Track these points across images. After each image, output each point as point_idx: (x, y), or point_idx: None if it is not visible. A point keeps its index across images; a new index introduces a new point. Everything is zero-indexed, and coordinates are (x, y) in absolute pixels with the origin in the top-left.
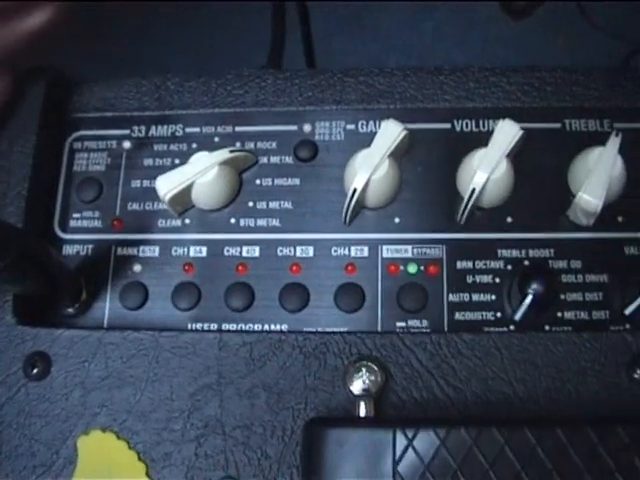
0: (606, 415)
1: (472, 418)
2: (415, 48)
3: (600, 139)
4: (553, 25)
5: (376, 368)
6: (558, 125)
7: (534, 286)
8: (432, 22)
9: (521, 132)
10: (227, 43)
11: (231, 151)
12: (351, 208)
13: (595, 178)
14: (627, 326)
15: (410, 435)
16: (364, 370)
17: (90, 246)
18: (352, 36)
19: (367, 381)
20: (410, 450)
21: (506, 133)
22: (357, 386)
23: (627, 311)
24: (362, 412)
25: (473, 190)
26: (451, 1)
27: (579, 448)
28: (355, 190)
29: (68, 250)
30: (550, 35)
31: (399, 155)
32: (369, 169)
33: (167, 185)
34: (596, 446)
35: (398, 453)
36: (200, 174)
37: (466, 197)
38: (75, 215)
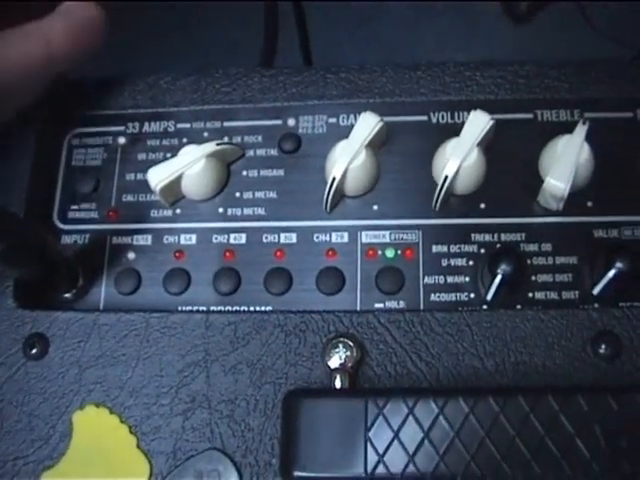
0: (566, 385)
1: (440, 389)
2: (417, 52)
3: (570, 128)
4: (555, 29)
5: (352, 344)
6: (530, 115)
7: (502, 266)
8: (434, 26)
9: (492, 122)
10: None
11: (218, 144)
12: (331, 196)
13: (562, 163)
14: (595, 305)
15: (381, 404)
16: (341, 346)
17: (87, 236)
18: (354, 40)
19: (343, 356)
20: (381, 418)
21: (477, 123)
22: (334, 361)
23: (595, 290)
24: (337, 385)
25: (446, 177)
26: (453, 1)
27: (541, 415)
28: (334, 179)
29: (66, 240)
30: (552, 39)
31: (377, 145)
32: (347, 158)
33: (158, 176)
34: (557, 413)
35: (369, 422)
36: (189, 166)
37: (439, 184)
38: (73, 207)
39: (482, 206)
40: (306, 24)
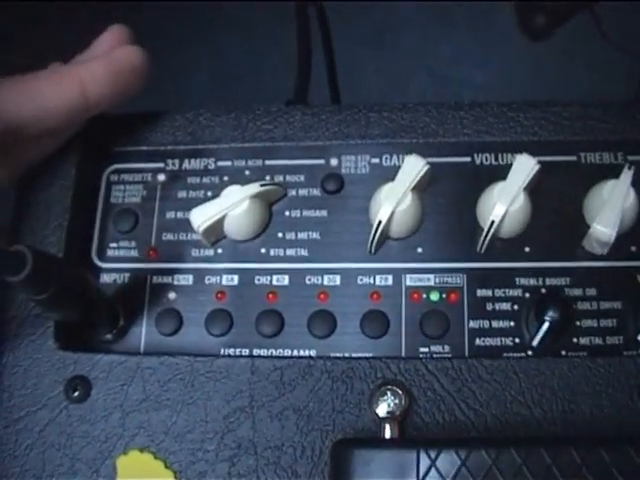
0: (618, 436)
1: (491, 439)
2: (435, 69)
3: (614, 171)
4: (572, 46)
5: (400, 392)
6: (574, 158)
7: (550, 313)
8: (452, 43)
9: (538, 166)
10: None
11: (262, 185)
12: (376, 239)
13: (609, 209)
14: None
15: (433, 455)
16: (389, 394)
17: (127, 274)
18: (373, 57)
19: (392, 404)
20: (433, 470)
21: (523, 167)
22: (382, 409)
23: None
24: (387, 434)
25: (492, 222)
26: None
27: (592, 467)
28: (380, 222)
29: (105, 278)
30: (568, 56)
31: (421, 188)
32: (393, 202)
33: (201, 217)
34: (609, 466)
35: (422, 473)
36: (232, 207)
37: (486, 228)
38: (112, 245)
39: (527, 250)
40: (335, 61)
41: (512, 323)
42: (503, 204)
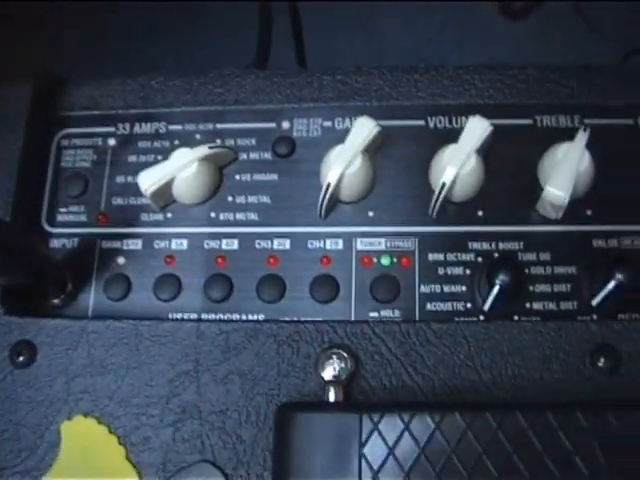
0: (565, 401)
1: (436, 403)
2: (413, 50)
3: (571, 135)
4: (550, 26)
5: (346, 355)
6: (530, 121)
7: (501, 277)
8: (430, 24)
9: (490, 128)
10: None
11: (210, 147)
12: (326, 202)
13: (562, 172)
14: (594, 316)
15: (376, 419)
16: (335, 357)
17: (76, 239)
18: (350, 38)
19: (337, 368)
20: (375, 434)
21: (475, 129)
22: (328, 373)
23: (594, 302)
24: (331, 397)
25: (443, 184)
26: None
27: (539, 432)
28: (329, 184)
29: (55, 243)
30: (546, 37)
31: (373, 151)
32: (343, 164)
33: (149, 180)
34: (555, 430)
35: (364, 437)
36: (180, 169)
37: (436, 191)
38: (62, 210)
39: (480, 214)
40: (301, 24)
41: (464, 288)
42: (454, 167)
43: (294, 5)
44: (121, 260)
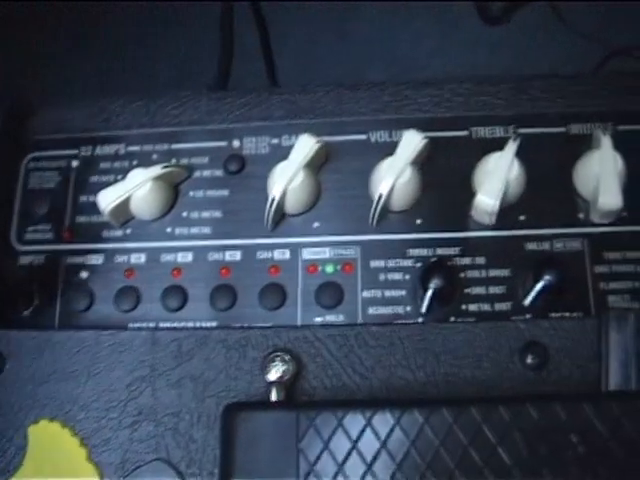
0: (491, 396)
1: (368, 401)
2: (394, 56)
3: (505, 144)
4: (529, 31)
5: (288, 358)
6: (465, 133)
7: (433, 281)
8: (411, 29)
9: (424, 140)
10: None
11: (164, 167)
12: (271, 215)
13: (492, 180)
14: (527, 316)
15: (312, 416)
16: (278, 360)
17: (43, 256)
18: (331, 44)
19: (280, 370)
20: (312, 430)
21: (410, 142)
22: (272, 375)
23: (526, 302)
24: (273, 397)
25: (380, 195)
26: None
27: (464, 425)
28: (274, 199)
29: (23, 260)
30: (527, 40)
31: (317, 165)
32: (285, 179)
33: (107, 199)
34: (480, 423)
35: (301, 433)
36: (136, 188)
37: (375, 202)
38: (30, 228)
39: (418, 222)
40: (269, 39)
41: (404, 292)
42: (390, 178)
43: (262, 21)
44: (84, 274)
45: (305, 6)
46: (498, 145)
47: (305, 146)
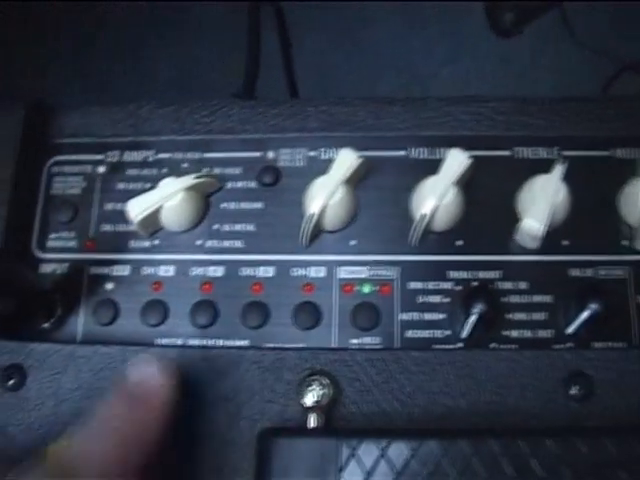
0: (538, 428)
1: (413, 430)
2: (405, 65)
3: (549, 166)
4: (540, 43)
5: (326, 382)
6: (508, 152)
7: (477, 305)
8: (422, 39)
9: (469, 160)
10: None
11: (196, 177)
12: (309, 232)
13: (539, 204)
14: (569, 344)
15: (354, 445)
16: (315, 384)
17: (66, 265)
18: (343, 53)
19: (318, 394)
20: (353, 460)
21: (455, 161)
22: (308, 399)
23: (569, 330)
24: (312, 423)
25: (423, 215)
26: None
27: (512, 458)
28: (312, 215)
29: (45, 269)
30: (536, 53)
31: (356, 181)
32: (325, 195)
33: (137, 208)
34: (528, 457)
35: (342, 462)
36: (167, 199)
37: (416, 222)
38: (52, 235)
39: (459, 243)
40: (291, 52)
41: (443, 315)
42: (434, 198)
43: (285, 32)
44: (109, 286)
45: (317, 15)
46: (541, 166)
47: (346, 161)
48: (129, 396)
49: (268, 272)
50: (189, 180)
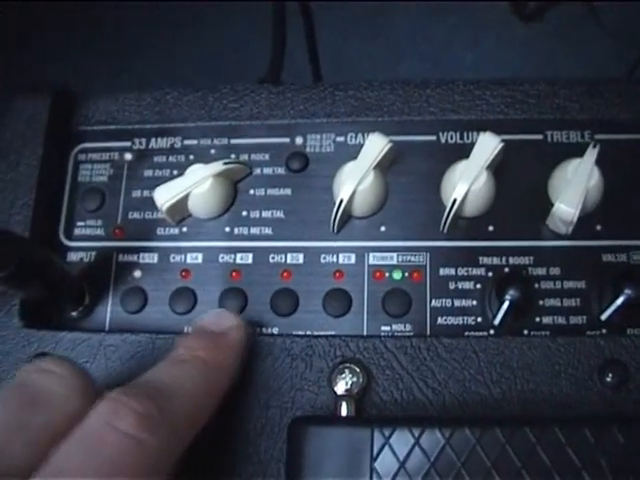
0: (573, 416)
1: (446, 418)
2: (427, 52)
3: (581, 150)
4: (563, 28)
5: (358, 370)
6: (540, 137)
7: (511, 292)
8: (444, 25)
9: (501, 144)
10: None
11: (225, 163)
12: (338, 217)
13: (572, 188)
14: (603, 331)
15: (387, 434)
16: (347, 372)
17: (93, 253)
18: (364, 39)
19: (349, 382)
20: (387, 448)
21: (486, 146)
22: (340, 387)
23: (603, 316)
24: (343, 412)
25: (454, 200)
26: (464, 1)
27: (547, 447)
28: (342, 201)
29: (72, 257)
30: (559, 39)
31: (385, 166)
32: (355, 180)
33: (165, 196)
34: (564, 445)
35: (375, 451)
36: (195, 185)
37: (448, 207)
38: (79, 223)
39: (490, 229)
40: (315, 36)
41: (474, 302)
42: (465, 183)
43: (309, 18)
44: (137, 273)
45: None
46: (574, 150)
47: (376, 146)
48: (209, 332)
49: (297, 259)
50: (218, 166)
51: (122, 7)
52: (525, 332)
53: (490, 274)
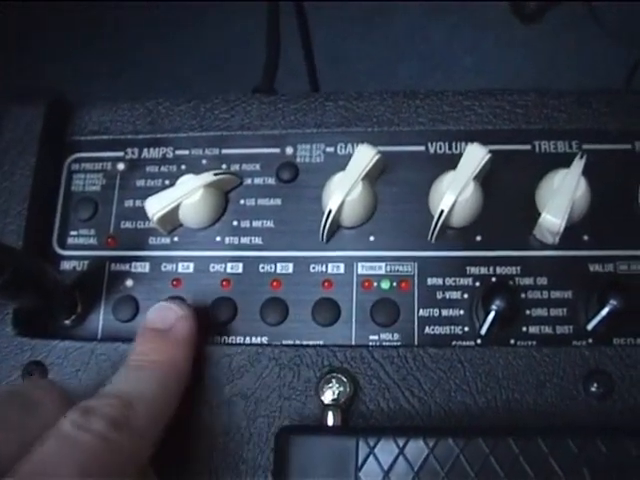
0: (556, 427)
1: (431, 428)
2: (426, 52)
3: (569, 160)
4: (563, 30)
5: (345, 379)
6: (528, 147)
7: (496, 302)
8: (443, 26)
9: (488, 155)
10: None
11: (215, 174)
12: (327, 228)
13: (558, 199)
14: (590, 341)
15: (372, 443)
16: (334, 381)
17: (86, 262)
18: (362, 40)
19: (336, 392)
20: (371, 457)
21: (473, 156)
22: (327, 396)
23: (589, 326)
24: (330, 421)
25: (442, 211)
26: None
27: (530, 457)
28: (330, 211)
29: (65, 266)
30: (559, 40)
31: (374, 176)
32: (344, 191)
33: (155, 206)
34: (546, 456)
35: (360, 460)
36: (186, 196)
37: (435, 218)
38: (72, 233)
39: (478, 239)
40: (311, 38)
41: (462, 312)
42: (452, 193)
43: (303, 18)
44: (129, 282)
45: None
46: (562, 161)
47: (364, 157)
48: (156, 332)
49: (287, 268)
50: (208, 177)
51: (122, 7)
52: (512, 342)
53: (477, 284)
